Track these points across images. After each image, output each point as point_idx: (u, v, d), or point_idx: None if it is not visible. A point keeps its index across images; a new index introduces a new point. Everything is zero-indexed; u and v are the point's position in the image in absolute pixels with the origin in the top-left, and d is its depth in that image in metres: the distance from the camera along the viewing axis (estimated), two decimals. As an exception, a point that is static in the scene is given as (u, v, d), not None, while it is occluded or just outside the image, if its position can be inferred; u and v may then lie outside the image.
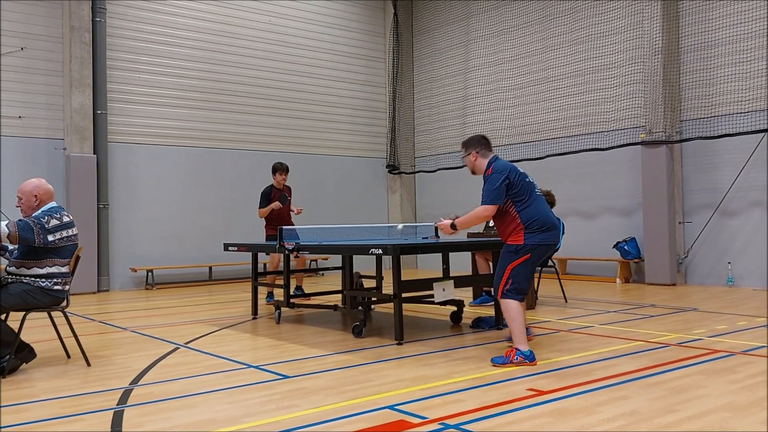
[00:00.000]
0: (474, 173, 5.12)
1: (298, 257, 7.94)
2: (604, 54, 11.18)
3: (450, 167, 13.33)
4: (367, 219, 13.83)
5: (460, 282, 6.19)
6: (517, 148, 12.23)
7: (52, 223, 4.71)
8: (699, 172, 10.07)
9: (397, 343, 5.55)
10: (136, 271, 11.29)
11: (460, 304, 6.56)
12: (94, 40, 10.88)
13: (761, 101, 9.28)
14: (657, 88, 10.13)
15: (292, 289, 7.94)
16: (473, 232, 8.33)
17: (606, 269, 11.07)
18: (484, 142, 5.07)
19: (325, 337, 6.10)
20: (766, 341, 5.39)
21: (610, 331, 6.10)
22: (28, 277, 4.74)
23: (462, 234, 7.44)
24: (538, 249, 4.78)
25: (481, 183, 4.91)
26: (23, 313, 4.75)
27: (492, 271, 6.22)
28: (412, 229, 8.58)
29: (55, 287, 4.80)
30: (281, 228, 6.69)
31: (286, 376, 4.53)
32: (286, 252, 6.42)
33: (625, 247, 10.54)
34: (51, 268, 4.77)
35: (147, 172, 11.57)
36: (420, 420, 3.45)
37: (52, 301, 4.83)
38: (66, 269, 4.86)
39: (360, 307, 6.38)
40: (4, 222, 4.57)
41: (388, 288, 6.46)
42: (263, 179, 9.39)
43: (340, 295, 7.75)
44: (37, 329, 6.14)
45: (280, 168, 8.68)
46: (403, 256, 5.69)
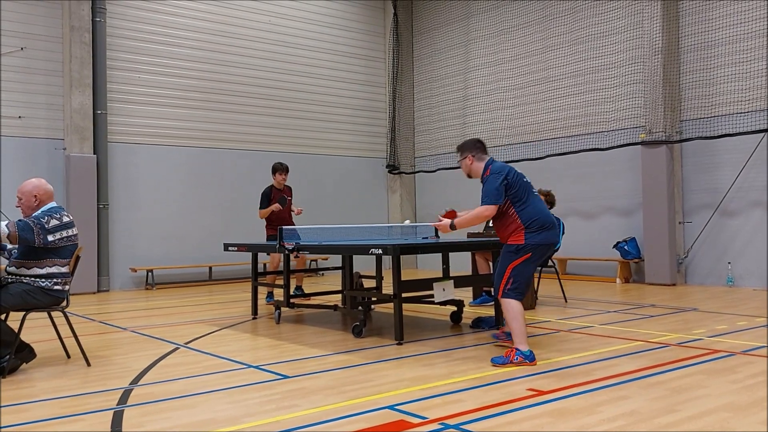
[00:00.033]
0: (470, 177, 5.12)
1: (298, 257, 7.94)
2: (604, 54, 11.18)
3: (450, 167, 13.31)
4: (367, 219, 13.82)
5: (460, 282, 6.20)
6: (517, 148, 12.23)
7: (52, 223, 4.71)
8: (699, 172, 10.07)
9: (397, 343, 5.55)
10: (136, 271, 11.29)
11: (460, 304, 6.57)
12: (94, 40, 10.88)
13: (761, 101, 9.28)
14: (657, 88, 10.12)
15: (292, 289, 7.93)
16: (473, 232, 8.33)
17: (606, 269, 11.07)
18: (479, 146, 5.07)
19: (325, 337, 6.09)
20: (766, 341, 5.39)
21: (610, 331, 6.10)
22: (28, 277, 4.74)
23: (462, 234, 7.46)
24: (538, 248, 4.80)
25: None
26: (23, 313, 4.75)
27: (492, 271, 6.22)
28: (412, 229, 8.57)
29: (55, 287, 4.80)
30: (281, 228, 6.68)
31: (286, 376, 4.53)
32: (286, 252, 6.42)
33: (625, 247, 10.53)
34: (51, 268, 4.77)
35: (147, 172, 11.56)
36: (420, 420, 3.45)
37: (52, 301, 4.83)
38: (66, 269, 4.86)
39: (360, 307, 6.38)
40: (4, 222, 4.57)
41: (388, 288, 6.46)
42: (263, 179, 9.39)
43: (340, 295, 7.74)
44: (37, 329, 6.13)
45: (280, 168, 8.68)
46: (403, 256, 5.69)
